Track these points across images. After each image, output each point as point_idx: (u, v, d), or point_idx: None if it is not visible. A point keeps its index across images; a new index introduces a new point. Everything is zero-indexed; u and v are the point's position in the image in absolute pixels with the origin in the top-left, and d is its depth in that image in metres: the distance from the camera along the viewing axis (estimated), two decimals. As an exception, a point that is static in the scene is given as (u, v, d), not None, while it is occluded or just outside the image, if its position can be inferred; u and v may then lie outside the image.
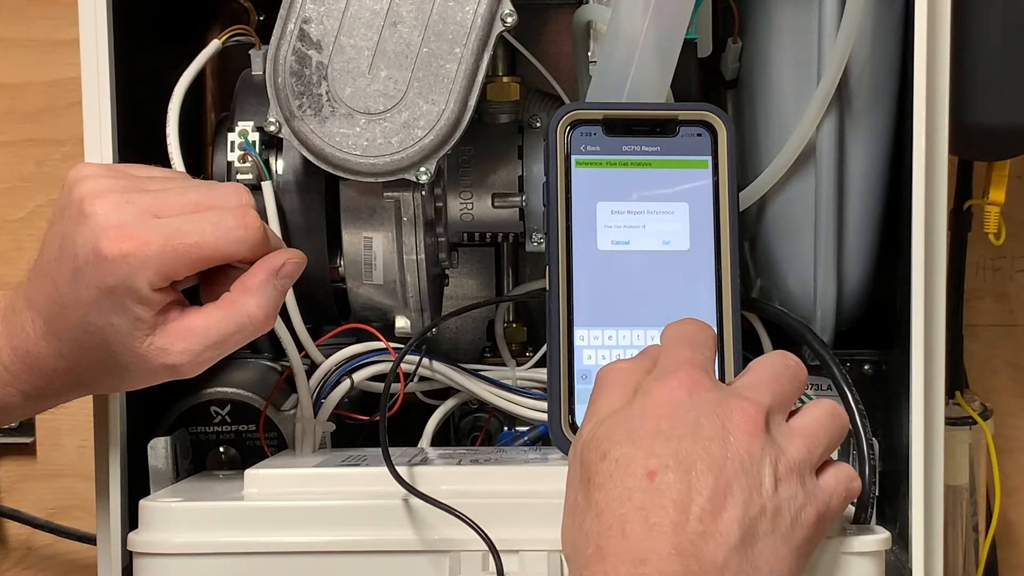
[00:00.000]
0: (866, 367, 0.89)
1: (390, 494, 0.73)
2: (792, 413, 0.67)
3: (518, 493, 0.74)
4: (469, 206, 0.88)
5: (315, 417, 0.86)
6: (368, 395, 0.90)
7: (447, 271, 0.93)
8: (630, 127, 0.78)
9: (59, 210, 0.72)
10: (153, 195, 0.72)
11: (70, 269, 0.71)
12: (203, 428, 0.88)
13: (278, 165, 0.86)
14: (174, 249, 0.70)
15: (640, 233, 0.77)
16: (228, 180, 0.86)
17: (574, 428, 0.75)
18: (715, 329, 0.73)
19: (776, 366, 0.68)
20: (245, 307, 0.73)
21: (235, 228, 0.72)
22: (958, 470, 1.05)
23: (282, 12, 0.80)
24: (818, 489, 0.65)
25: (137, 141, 0.84)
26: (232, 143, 0.85)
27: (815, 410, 0.67)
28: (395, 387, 0.85)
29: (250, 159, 0.84)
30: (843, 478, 0.67)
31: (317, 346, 0.87)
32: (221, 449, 0.88)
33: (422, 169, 0.80)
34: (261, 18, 0.95)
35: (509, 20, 0.79)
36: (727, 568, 0.60)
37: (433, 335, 0.88)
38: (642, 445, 0.63)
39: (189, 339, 0.72)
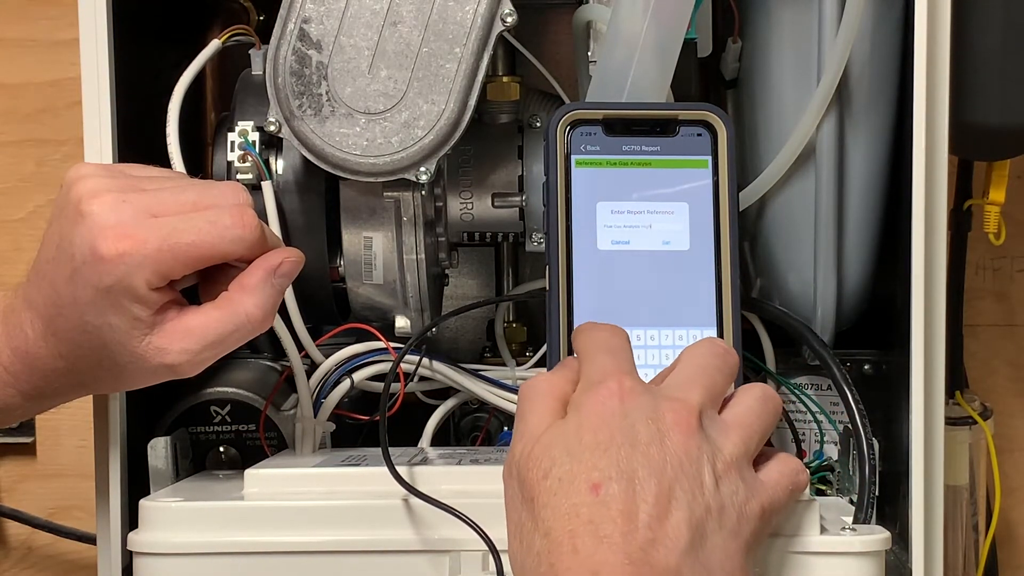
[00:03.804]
0: (866, 367, 0.89)
1: (390, 494, 0.73)
2: (725, 401, 0.67)
3: (518, 493, 0.74)
4: (469, 206, 0.88)
5: (315, 417, 0.86)
6: (368, 395, 0.90)
7: (447, 271, 0.93)
8: (630, 127, 0.78)
9: (57, 210, 0.73)
10: (150, 194, 0.72)
11: (68, 269, 0.71)
12: (203, 428, 0.88)
13: (278, 165, 0.86)
14: (171, 248, 0.70)
15: (640, 233, 0.77)
16: (228, 180, 0.85)
17: (574, 428, 0.75)
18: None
19: (704, 356, 0.68)
20: (243, 306, 0.73)
21: (232, 227, 0.72)
22: (958, 470, 1.05)
23: (282, 12, 0.80)
24: (759, 482, 0.65)
25: (137, 141, 0.84)
26: (232, 143, 0.85)
27: (746, 398, 0.67)
28: (395, 387, 0.85)
29: (250, 159, 0.84)
30: (788, 471, 0.67)
31: (317, 346, 0.87)
32: (221, 449, 0.88)
33: (422, 169, 0.80)
34: (261, 18, 0.95)
35: (509, 20, 0.79)
36: (680, 572, 0.60)
37: (433, 335, 0.88)
38: (582, 460, 0.63)
39: (187, 339, 0.72)
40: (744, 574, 0.62)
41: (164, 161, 0.84)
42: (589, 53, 0.83)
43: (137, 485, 0.82)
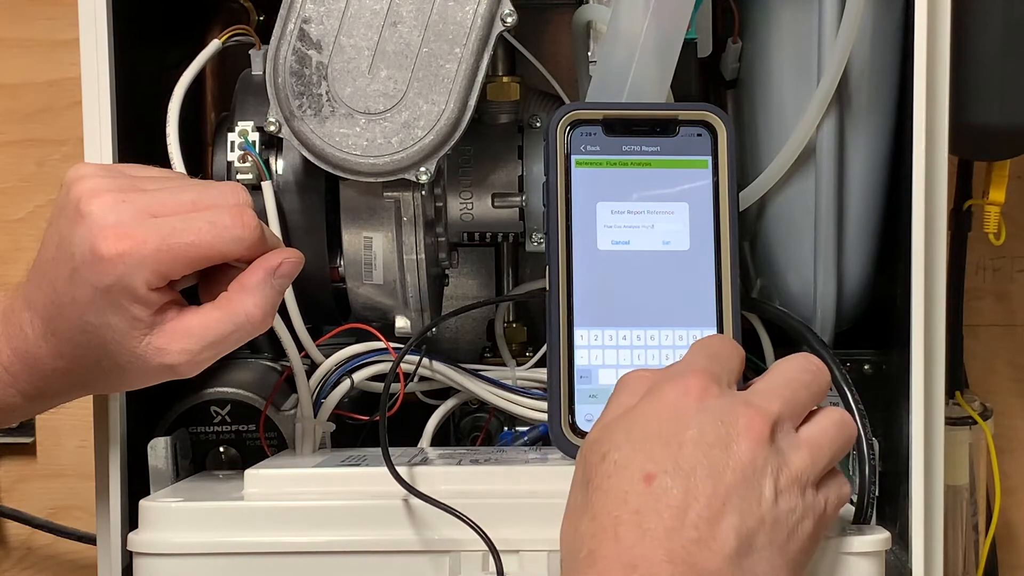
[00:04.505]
0: (866, 367, 0.89)
1: (390, 494, 0.73)
2: (806, 418, 0.66)
3: (518, 493, 0.74)
4: (469, 206, 0.88)
5: (315, 417, 0.86)
6: (368, 395, 0.90)
7: (447, 271, 0.93)
8: (630, 127, 0.78)
9: (57, 210, 0.73)
10: (150, 194, 0.72)
11: (67, 269, 0.71)
12: (203, 428, 0.88)
13: (278, 165, 0.86)
14: (170, 248, 0.70)
15: (640, 233, 0.77)
16: (228, 180, 0.85)
17: (574, 428, 0.75)
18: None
19: (793, 371, 0.67)
20: (242, 306, 0.73)
21: (231, 227, 0.72)
22: (958, 470, 1.05)
23: (282, 12, 0.80)
24: (817, 503, 0.64)
25: (137, 141, 0.84)
26: (232, 143, 0.85)
27: (824, 420, 0.66)
28: (395, 387, 0.85)
29: (250, 159, 0.84)
30: (834, 484, 0.66)
31: (317, 346, 0.87)
32: (221, 449, 0.88)
33: (422, 169, 0.80)
34: (261, 18, 0.95)
35: (509, 20, 0.79)
36: None
37: (433, 335, 0.88)
38: (642, 448, 0.62)
39: (187, 339, 0.72)
40: None
41: (164, 161, 0.84)
42: (589, 53, 0.83)
43: (137, 485, 0.82)
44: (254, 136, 0.85)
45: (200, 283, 0.75)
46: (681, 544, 0.60)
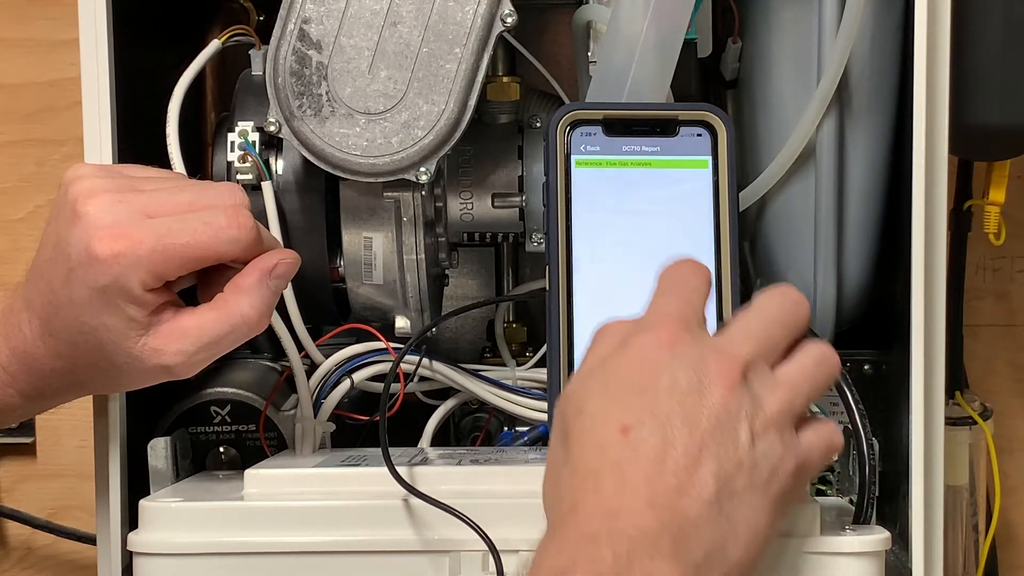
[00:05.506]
0: (866, 367, 0.89)
1: (390, 494, 0.73)
2: (787, 355, 0.66)
3: (518, 493, 0.74)
4: (469, 206, 0.88)
5: (315, 417, 0.86)
6: (368, 395, 0.90)
7: (447, 271, 0.93)
8: (630, 127, 0.78)
9: (55, 211, 0.73)
10: (147, 195, 0.72)
11: (64, 269, 0.71)
12: (203, 428, 0.88)
13: (278, 165, 0.86)
14: (165, 249, 0.70)
15: (640, 233, 0.77)
16: (228, 180, 0.85)
17: (574, 428, 0.75)
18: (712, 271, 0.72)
19: (769, 308, 0.67)
20: (238, 307, 0.73)
21: (227, 228, 0.72)
22: (958, 470, 1.05)
23: (282, 12, 0.80)
24: (796, 443, 0.64)
25: (137, 141, 0.84)
26: (232, 143, 0.85)
27: (803, 357, 0.66)
28: (395, 387, 0.85)
29: (250, 159, 0.84)
30: (824, 434, 0.66)
31: (317, 346, 0.87)
32: (221, 449, 0.88)
33: (422, 169, 0.80)
34: (261, 18, 0.95)
35: (509, 20, 0.79)
36: (701, 520, 0.60)
37: (433, 335, 0.88)
38: (618, 400, 0.62)
39: (183, 340, 0.72)
40: (770, 530, 0.62)
41: (164, 161, 0.84)
42: (589, 53, 0.83)
43: (137, 485, 0.82)
44: (254, 136, 0.85)
45: (199, 284, 0.75)
46: (661, 491, 0.60)
